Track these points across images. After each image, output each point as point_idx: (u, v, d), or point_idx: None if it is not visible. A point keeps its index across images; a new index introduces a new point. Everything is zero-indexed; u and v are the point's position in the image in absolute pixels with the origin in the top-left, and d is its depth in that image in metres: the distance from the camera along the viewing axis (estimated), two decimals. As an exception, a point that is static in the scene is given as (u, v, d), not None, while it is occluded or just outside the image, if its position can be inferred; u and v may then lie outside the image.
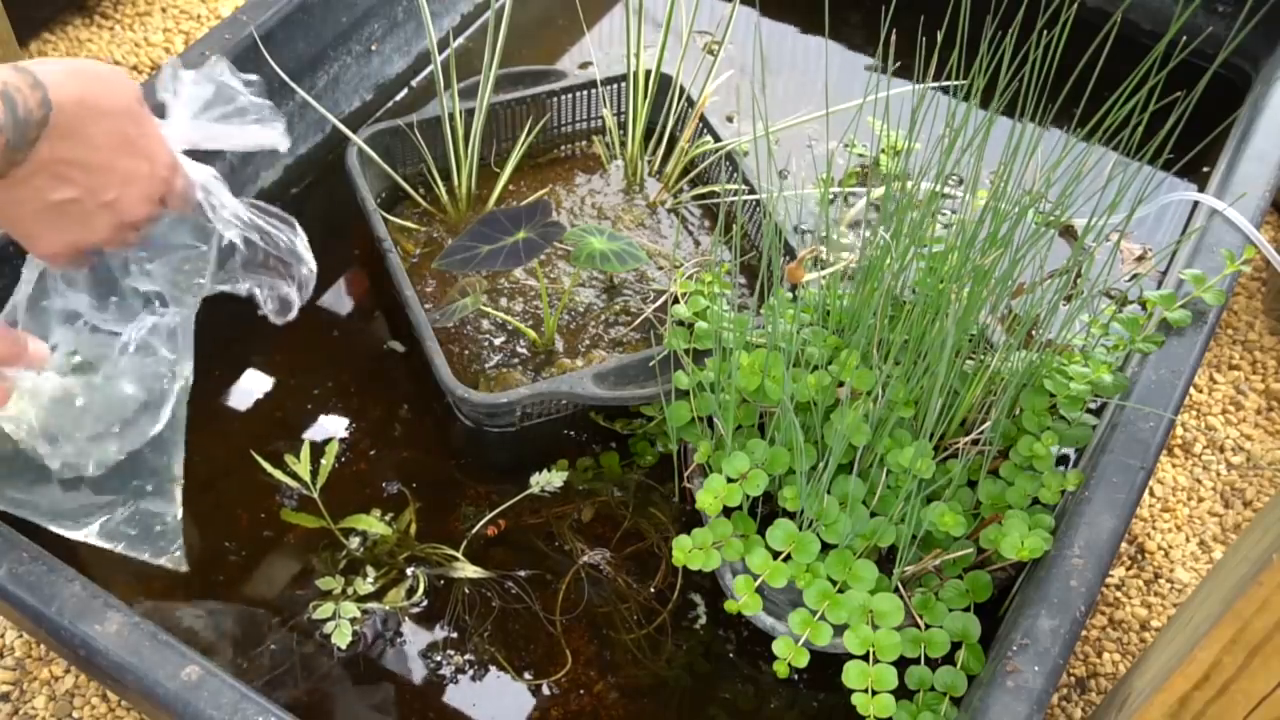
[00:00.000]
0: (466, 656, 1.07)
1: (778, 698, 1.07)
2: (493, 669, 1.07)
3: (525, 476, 1.18)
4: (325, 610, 1.07)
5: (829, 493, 1.03)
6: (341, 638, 1.06)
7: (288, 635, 1.07)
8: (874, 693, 0.98)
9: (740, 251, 1.32)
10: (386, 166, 1.33)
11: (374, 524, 1.12)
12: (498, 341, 1.23)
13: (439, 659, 1.07)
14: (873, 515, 1.04)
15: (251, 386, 1.25)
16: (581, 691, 1.06)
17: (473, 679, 1.06)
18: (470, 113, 1.34)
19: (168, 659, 0.88)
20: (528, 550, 1.14)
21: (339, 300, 1.33)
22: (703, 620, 1.11)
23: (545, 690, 1.06)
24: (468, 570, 1.11)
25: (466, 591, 1.10)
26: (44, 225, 0.80)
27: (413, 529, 1.14)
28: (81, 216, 0.80)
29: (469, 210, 1.35)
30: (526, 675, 1.07)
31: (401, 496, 1.16)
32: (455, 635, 1.08)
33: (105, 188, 0.79)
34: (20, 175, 0.74)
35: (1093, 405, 1.12)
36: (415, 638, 1.08)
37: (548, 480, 1.17)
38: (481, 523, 1.14)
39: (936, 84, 0.99)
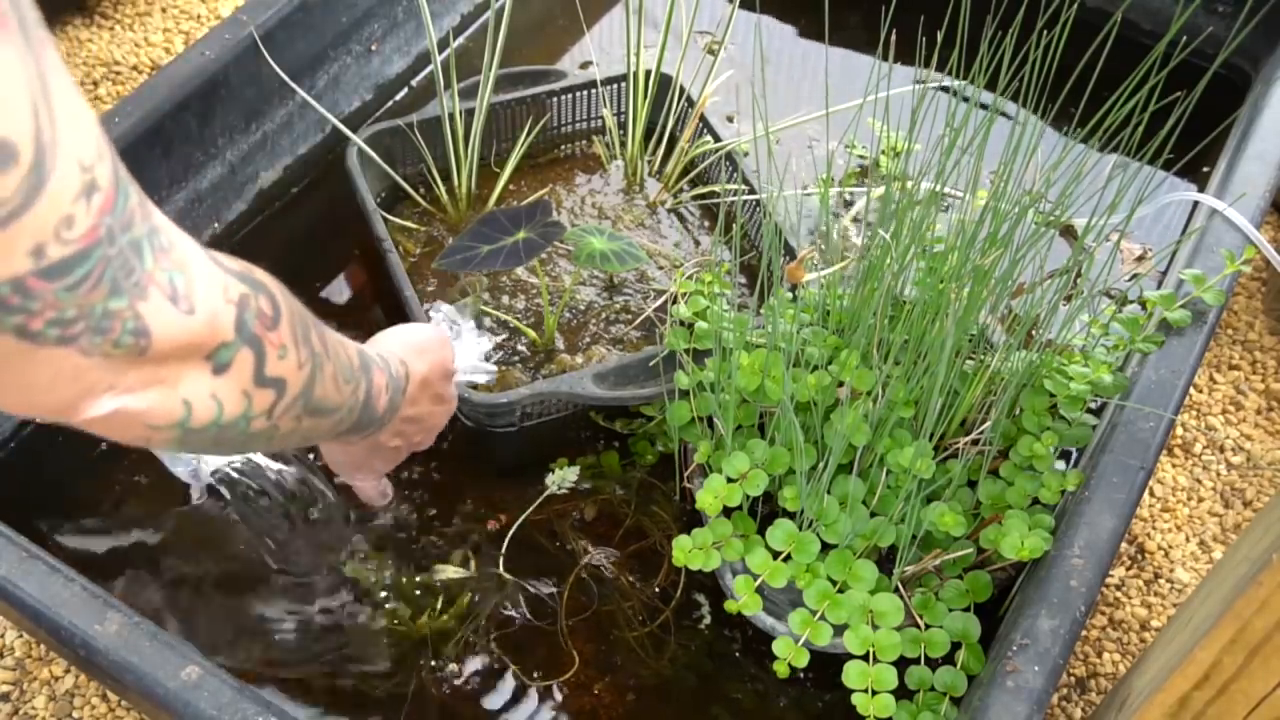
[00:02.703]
0: (472, 653, 1.08)
1: (778, 698, 1.07)
2: (495, 666, 1.07)
3: (525, 476, 1.18)
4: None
5: (829, 493, 1.03)
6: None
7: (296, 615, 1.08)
8: (874, 693, 0.98)
9: (740, 251, 1.32)
10: (386, 166, 1.33)
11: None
12: (498, 341, 1.23)
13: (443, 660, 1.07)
14: (873, 515, 1.04)
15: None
16: (581, 691, 1.06)
17: (477, 676, 1.07)
18: (470, 113, 1.33)
19: (168, 659, 0.88)
20: (532, 549, 1.14)
21: (339, 301, 1.33)
22: (705, 619, 1.11)
23: (548, 689, 1.06)
24: (449, 572, 1.11)
25: (473, 593, 1.11)
26: (369, 466, 0.96)
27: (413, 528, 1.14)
28: (395, 456, 0.95)
29: (469, 210, 1.35)
30: (535, 675, 1.07)
31: (402, 496, 1.16)
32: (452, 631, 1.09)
33: (422, 434, 0.95)
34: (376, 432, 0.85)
35: (1093, 405, 1.12)
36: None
37: (562, 478, 1.17)
38: (519, 522, 1.14)
39: (936, 84, 0.99)
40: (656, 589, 1.12)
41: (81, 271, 0.47)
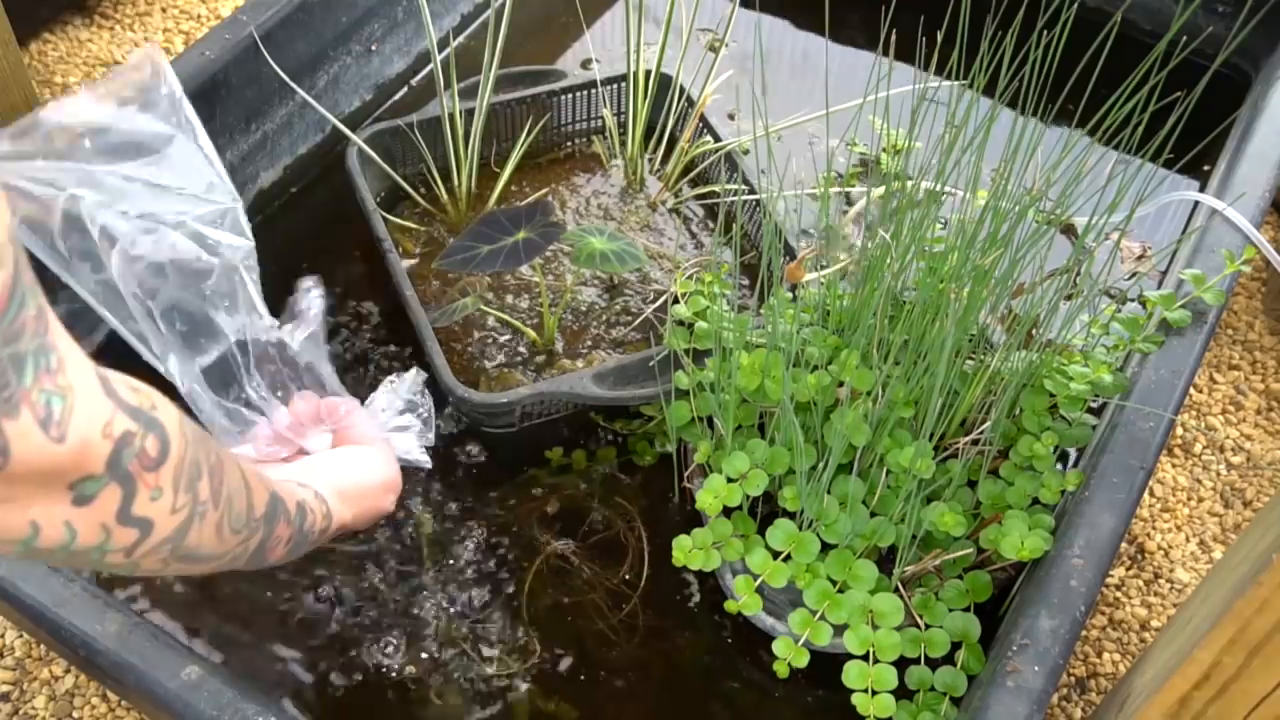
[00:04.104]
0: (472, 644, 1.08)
1: (778, 697, 1.07)
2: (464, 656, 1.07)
3: (525, 476, 1.18)
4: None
5: (829, 493, 1.03)
6: None
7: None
8: (874, 693, 0.98)
9: (740, 251, 1.32)
10: (386, 166, 1.33)
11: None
12: (498, 341, 1.23)
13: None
14: (873, 515, 1.04)
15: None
16: (580, 684, 1.06)
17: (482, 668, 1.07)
18: (470, 113, 1.33)
19: (168, 659, 0.88)
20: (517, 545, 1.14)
21: (338, 301, 1.33)
22: (707, 619, 1.11)
23: (554, 689, 1.06)
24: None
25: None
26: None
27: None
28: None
29: (469, 210, 1.35)
30: (541, 672, 1.07)
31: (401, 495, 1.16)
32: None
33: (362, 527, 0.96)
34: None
35: (1093, 405, 1.12)
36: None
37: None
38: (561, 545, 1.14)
39: (937, 83, 0.99)
40: (626, 576, 1.12)
41: None
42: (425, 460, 1.02)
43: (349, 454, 0.93)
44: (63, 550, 0.57)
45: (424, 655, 1.07)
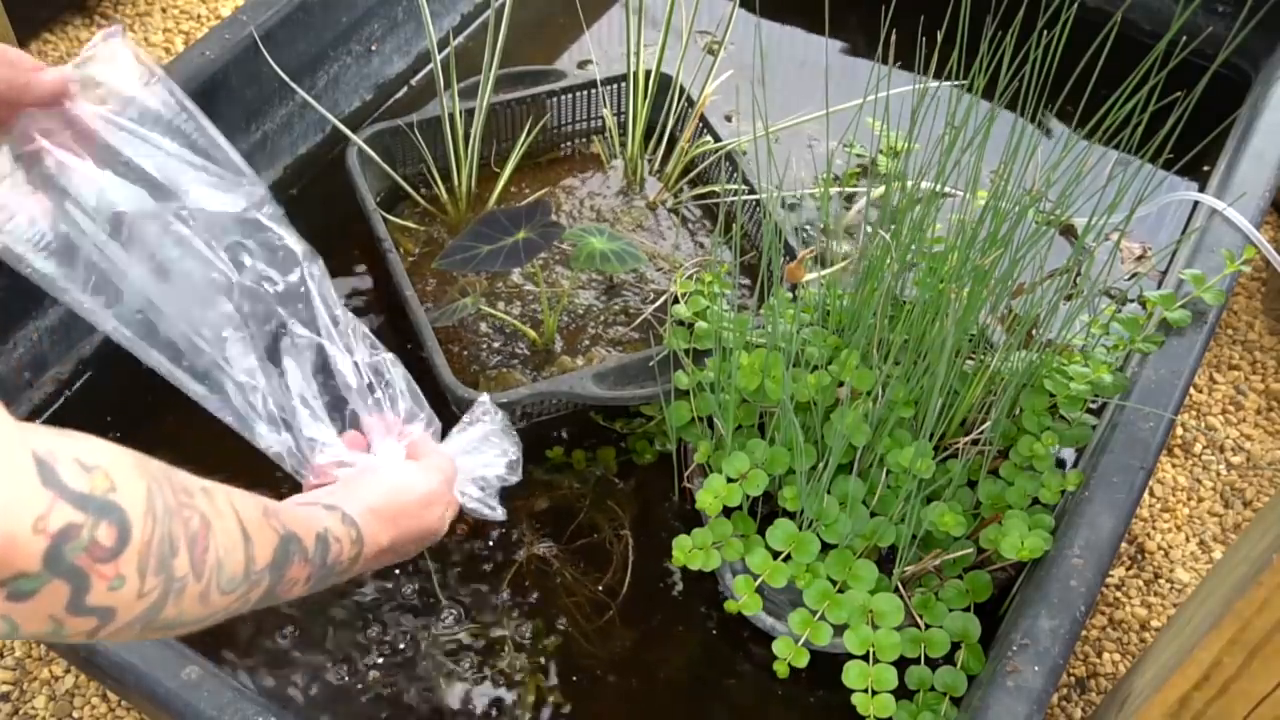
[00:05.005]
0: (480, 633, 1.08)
1: (778, 697, 1.07)
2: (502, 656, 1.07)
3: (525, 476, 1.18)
4: None
5: (829, 493, 1.03)
6: None
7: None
8: (874, 693, 0.98)
9: (740, 251, 1.32)
10: (386, 166, 1.33)
11: None
12: (498, 341, 1.23)
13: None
14: (873, 515, 1.04)
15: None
16: (578, 680, 1.06)
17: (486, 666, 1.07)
18: (470, 113, 1.33)
19: (168, 659, 0.88)
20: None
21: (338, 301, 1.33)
22: (707, 618, 1.11)
23: (559, 686, 1.06)
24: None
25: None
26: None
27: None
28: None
29: (469, 210, 1.35)
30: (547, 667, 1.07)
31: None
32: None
33: (383, 566, 0.85)
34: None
35: (1093, 405, 1.12)
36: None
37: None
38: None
39: (937, 83, 0.99)
40: (604, 584, 1.12)
41: None
42: (499, 513, 0.94)
43: (388, 469, 0.87)
44: (7, 637, 0.53)
45: (414, 652, 1.07)
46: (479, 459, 0.94)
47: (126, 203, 0.84)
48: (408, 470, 0.86)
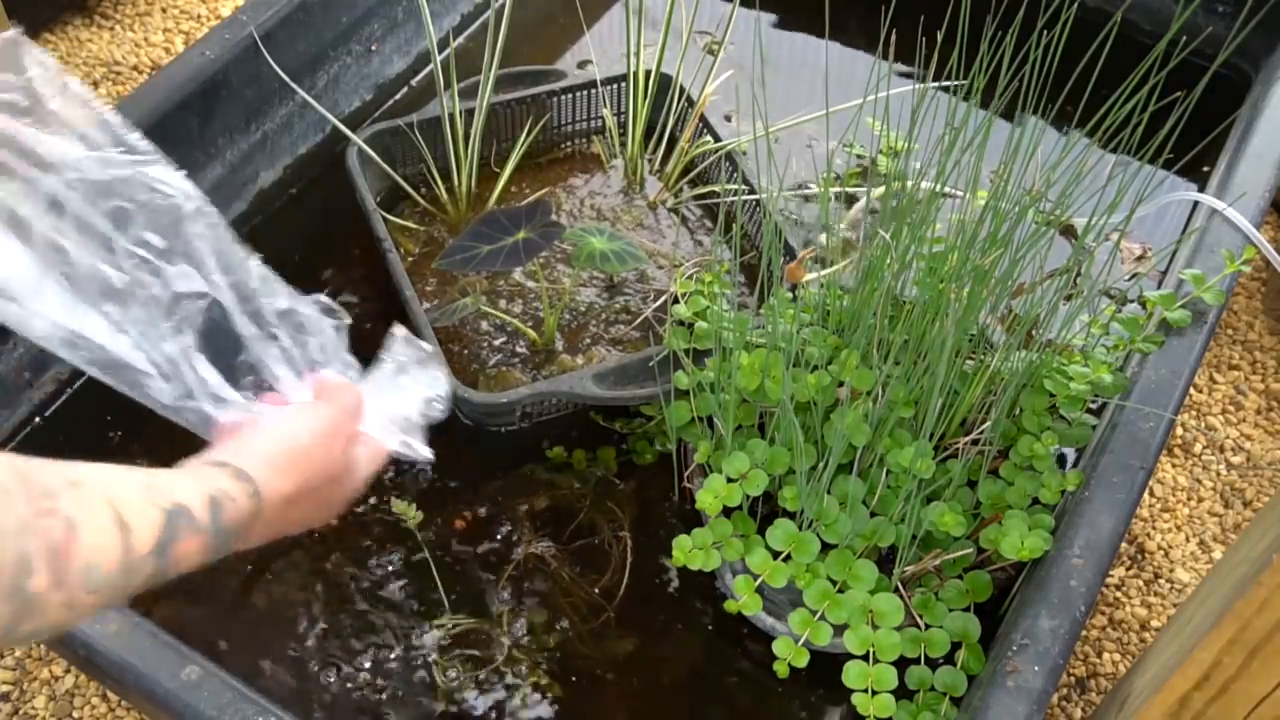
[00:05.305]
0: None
1: (778, 697, 1.07)
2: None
3: (524, 475, 1.18)
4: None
5: (829, 493, 1.03)
6: None
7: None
8: (874, 693, 0.98)
9: (740, 251, 1.32)
10: (386, 166, 1.33)
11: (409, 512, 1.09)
12: (498, 341, 1.23)
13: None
14: (873, 515, 1.04)
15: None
16: (577, 680, 1.06)
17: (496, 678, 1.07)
18: (470, 113, 1.33)
19: (168, 659, 0.88)
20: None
21: (339, 301, 1.33)
22: (707, 618, 1.11)
23: (565, 687, 1.06)
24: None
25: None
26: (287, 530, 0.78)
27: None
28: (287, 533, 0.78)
29: (469, 210, 1.35)
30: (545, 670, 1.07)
31: (401, 495, 1.16)
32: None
33: (306, 526, 0.78)
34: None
35: (1093, 405, 1.12)
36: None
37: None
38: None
39: (937, 83, 0.99)
40: (603, 584, 1.12)
41: None
42: (424, 452, 0.85)
43: (279, 413, 0.78)
44: None
45: (411, 652, 1.07)
46: (396, 397, 0.86)
47: None
48: (299, 410, 0.78)
